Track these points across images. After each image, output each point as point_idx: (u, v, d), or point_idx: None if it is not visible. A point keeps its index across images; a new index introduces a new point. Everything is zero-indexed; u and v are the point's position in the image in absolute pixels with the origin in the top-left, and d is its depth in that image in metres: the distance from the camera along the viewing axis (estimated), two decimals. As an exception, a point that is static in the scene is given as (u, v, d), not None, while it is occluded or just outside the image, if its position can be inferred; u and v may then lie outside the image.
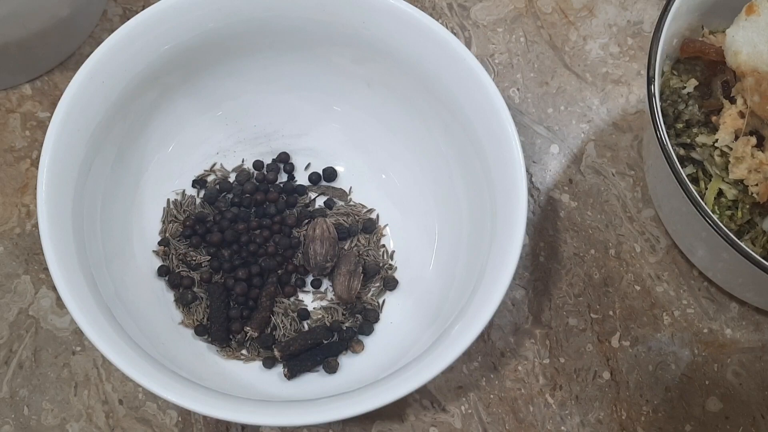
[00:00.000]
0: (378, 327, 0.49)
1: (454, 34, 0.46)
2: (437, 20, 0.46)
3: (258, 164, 0.52)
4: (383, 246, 0.51)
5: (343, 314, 0.49)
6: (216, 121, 0.52)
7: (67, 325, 0.49)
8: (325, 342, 0.48)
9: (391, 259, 0.51)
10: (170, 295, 0.49)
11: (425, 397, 0.49)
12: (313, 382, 0.47)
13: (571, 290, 0.52)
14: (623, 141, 0.56)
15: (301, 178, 0.53)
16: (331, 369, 0.47)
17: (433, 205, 0.51)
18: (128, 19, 0.44)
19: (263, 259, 0.49)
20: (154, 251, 0.49)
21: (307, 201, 0.52)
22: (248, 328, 0.48)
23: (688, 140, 0.48)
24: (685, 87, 0.49)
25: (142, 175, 0.49)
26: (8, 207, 0.51)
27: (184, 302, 0.48)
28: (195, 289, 0.49)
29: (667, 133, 0.45)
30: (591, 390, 0.50)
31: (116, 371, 0.39)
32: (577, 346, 0.51)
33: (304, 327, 0.49)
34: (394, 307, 0.50)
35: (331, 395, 0.42)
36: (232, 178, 0.52)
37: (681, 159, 0.47)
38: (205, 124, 0.51)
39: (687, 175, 0.44)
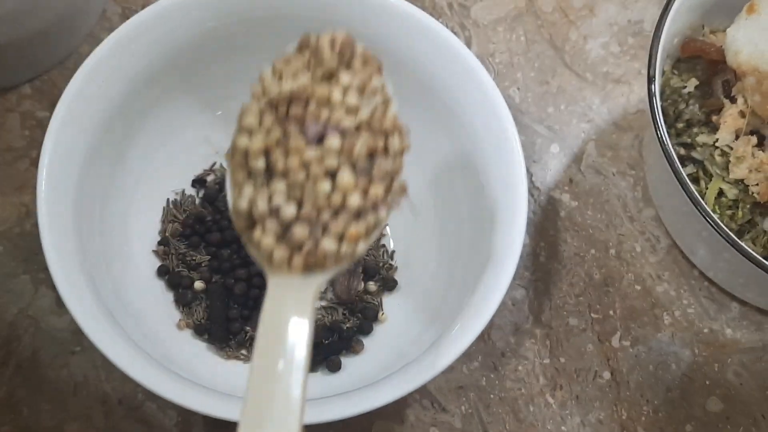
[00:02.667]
0: (378, 327, 0.49)
1: (454, 33, 0.46)
2: (437, 19, 0.46)
3: (258, 164, 0.52)
4: (383, 246, 0.51)
5: (343, 314, 0.49)
6: (216, 120, 0.51)
7: (66, 325, 0.49)
8: (325, 342, 0.48)
9: (391, 259, 0.51)
10: (170, 295, 0.49)
11: (425, 397, 0.49)
12: (313, 382, 0.46)
13: (572, 290, 0.52)
14: (624, 140, 0.56)
15: (301, 178, 0.53)
16: (335, 367, 0.47)
17: (433, 204, 0.51)
18: (128, 18, 0.44)
19: (263, 258, 0.49)
20: (153, 251, 0.49)
21: (307, 201, 0.52)
22: (248, 328, 0.47)
23: (689, 140, 0.48)
24: (685, 86, 0.49)
25: (141, 175, 0.49)
26: (7, 207, 0.51)
27: (183, 302, 0.48)
28: (194, 289, 0.49)
29: (667, 132, 0.44)
30: (591, 390, 0.50)
31: (115, 371, 0.39)
32: (578, 346, 0.51)
33: (303, 327, 0.49)
34: (394, 307, 0.50)
35: (330, 395, 0.41)
36: (231, 177, 0.52)
37: (681, 158, 0.47)
38: (205, 124, 0.51)
39: (687, 175, 0.44)
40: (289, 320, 0.31)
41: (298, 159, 0.32)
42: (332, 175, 0.32)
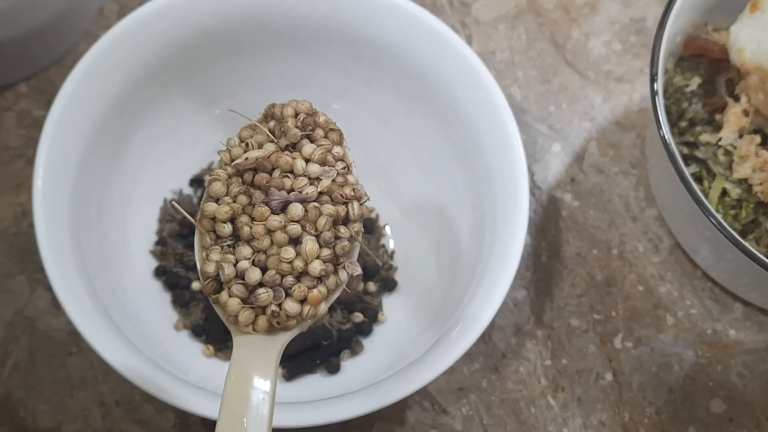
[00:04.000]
0: (378, 328, 0.49)
1: (455, 31, 0.46)
2: (438, 17, 0.46)
3: (256, 163, 0.52)
4: (383, 246, 0.51)
5: (342, 314, 0.49)
6: (213, 119, 0.51)
7: (63, 326, 0.48)
8: (325, 343, 0.47)
9: (391, 259, 0.51)
10: (167, 296, 0.48)
11: (426, 398, 0.49)
12: (312, 383, 0.46)
13: (574, 291, 0.52)
14: (626, 139, 0.55)
15: (300, 177, 0.52)
16: (334, 369, 0.46)
17: (434, 204, 0.50)
18: (125, 16, 0.44)
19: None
20: (151, 251, 0.49)
21: (306, 200, 0.52)
22: (246, 329, 0.47)
23: (692, 139, 0.48)
24: (688, 85, 0.48)
25: (138, 174, 0.49)
26: (3, 206, 0.51)
27: (181, 303, 0.48)
28: (192, 289, 0.48)
29: (670, 131, 0.44)
30: (593, 392, 0.50)
31: (113, 373, 0.39)
32: (580, 347, 0.50)
33: (303, 328, 0.49)
34: (394, 308, 0.49)
35: (330, 397, 0.41)
36: (230, 177, 0.51)
37: (684, 157, 0.47)
38: (203, 123, 0.51)
39: (690, 174, 0.44)
40: (254, 379, 0.32)
41: (262, 226, 0.34)
42: (295, 241, 0.35)
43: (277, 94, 0.51)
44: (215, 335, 0.47)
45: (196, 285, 0.48)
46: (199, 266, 0.36)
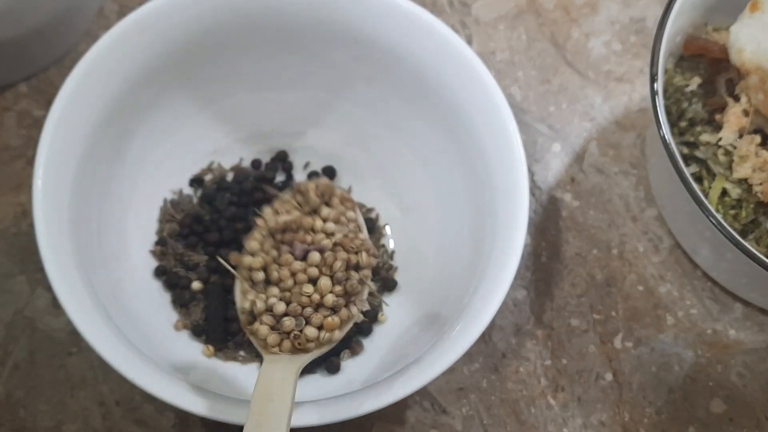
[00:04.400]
0: (377, 328, 0.49)
1: (455, 31, 0.46)
2: (438, 17, 0.46)
3: (256, 163, 0.52)
4: (383, 246, 0.51)
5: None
6: (213, 119, 0.51)
7: (63, 326, 0.48)
8: (324, 343, 0.48)
9: (391, 259, 0.51)
10: (167, 296, 0.48)
11: (426, 398, 0.49)
12: (312, 383, 0.46)
13: (574, 290, 0.52)
14: (626, 139, 0.55)
15: (300, 177, 0.52)
16: (334, 369, 0.46)
17: (434, 204, 0.50)
18: (125, 16, 0.44)
19: (262, 259, 0.49)
20: (151, 251, 0.49)
21: (306, 200, 0.52)
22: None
23: (692, 138, 0.48)
24: (688, 85, 0.48)
25: (138, 174, 0.49)
26: (3, 206, 0.51)
27: (181, 303, 0.48)
28: (192, 289, 0.48)
29: (670, 131, 0.44)
30: (593, 392, 0.50)
31: (113, 373, 0.39)
32: (580, 347, 0.50)
33: (303, 328, 0.49)
34: (394, 308, 0.49)
35: (330, 397, 0.41)
36: (229, 177, 0.52)
37: (684, 157, 0.47)
38: (203, 123, 0.51)
39: (690, 174, 0.44)
40: (276, 389, 0.39)
41: (287, 270, 0.43)
42: (314, 281, 0.42)
43: (277, 94, 0.51)
44: (215, 335, 0.47)
45: (196, 285, 0.48)
46: (238, 305, 0.44)
